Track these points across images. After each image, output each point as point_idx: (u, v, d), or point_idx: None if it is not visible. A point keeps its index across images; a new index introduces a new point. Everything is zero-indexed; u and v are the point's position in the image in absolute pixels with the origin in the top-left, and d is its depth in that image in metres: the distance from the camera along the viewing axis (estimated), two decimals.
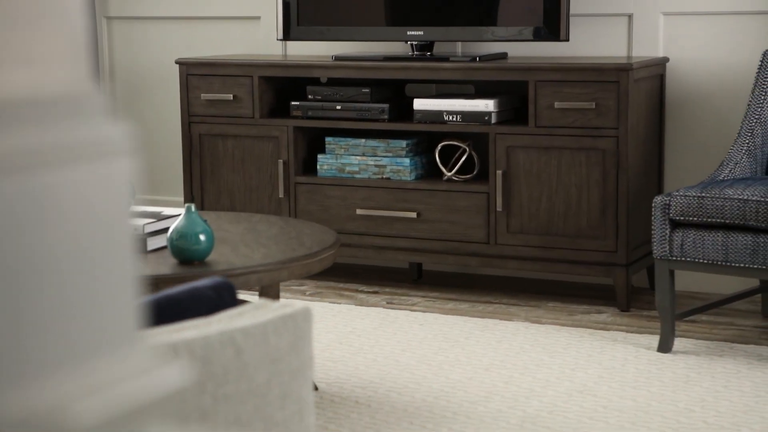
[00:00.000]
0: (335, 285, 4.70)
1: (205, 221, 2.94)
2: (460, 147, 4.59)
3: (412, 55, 4.60)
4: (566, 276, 4.70)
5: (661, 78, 4.46)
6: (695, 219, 3.60)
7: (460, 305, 4.37)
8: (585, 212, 4.26)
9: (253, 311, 1.83)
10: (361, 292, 4.60)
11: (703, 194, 3.59)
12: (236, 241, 3.20)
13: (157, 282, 2.81)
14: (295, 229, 3.37)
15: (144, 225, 3.09)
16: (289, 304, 1.89)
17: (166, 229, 3.17)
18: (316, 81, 4.86)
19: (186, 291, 1.84)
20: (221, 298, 1.87)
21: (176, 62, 4.82)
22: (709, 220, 3.58)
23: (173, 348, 1.62)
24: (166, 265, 2.92)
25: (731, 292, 4.43)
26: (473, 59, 4.42)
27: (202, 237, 2.92)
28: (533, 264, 4.34)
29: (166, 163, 5.43)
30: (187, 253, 2.92)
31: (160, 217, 3.18)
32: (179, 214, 3.23)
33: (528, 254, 4.35)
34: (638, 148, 4.27)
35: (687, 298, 4.43)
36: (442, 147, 4.58)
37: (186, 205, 2.94)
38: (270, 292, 3.32)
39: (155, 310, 1.78)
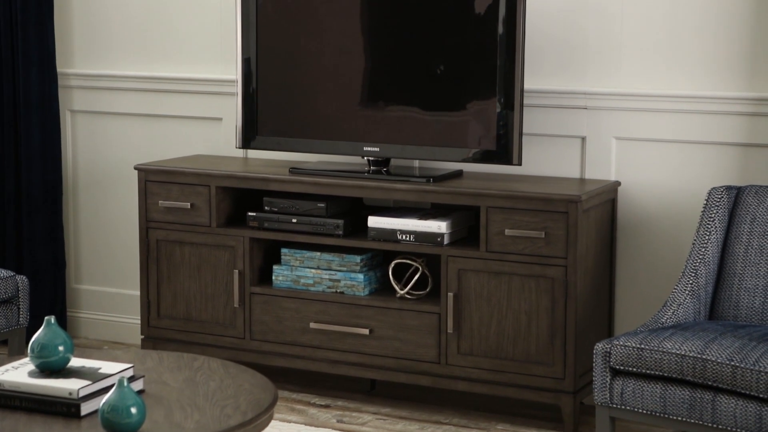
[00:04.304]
0: (288, 396, 4.72)
1: (137, 394, 2.97)
2: (413, 264, 4.62)
3: (369, 169, 4.62)
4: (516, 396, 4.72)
5: (613, 202, 4.49)
6: (634, 369, 3.63)
7: (410, 426, 4.39)
8: (534, 338, 4.28)
9: None
10: (313, 405, 4.62)
11: (642, 346, 3.62)
12: (172, 400, 3.22)
13: None
14: (234, 382, 3.39)
15: (79, 389, 3.11)
16: None
17: (103, 390, 3.19)
18: (273, 191, 4.88)
19: None
20: None
21: (135, 168, 4.85)
22: (648, 371, 3.61)
23: None
24: None
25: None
26: (428, 180, 4.44)
27: (133, 410, 2.95)
28: (482, 386, 4.37)
29: (127, 259, 5.45)
30: (117, 427, 2.94)
31: (96, 378, 3.20)
32: (118, 372, 3.25)
33: (478, 376, 4.37)
34: (587, 276, 4.29)
35: (636, 423, 4.45)
36: (396, 263, 4.61)
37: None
38: None
39: None
